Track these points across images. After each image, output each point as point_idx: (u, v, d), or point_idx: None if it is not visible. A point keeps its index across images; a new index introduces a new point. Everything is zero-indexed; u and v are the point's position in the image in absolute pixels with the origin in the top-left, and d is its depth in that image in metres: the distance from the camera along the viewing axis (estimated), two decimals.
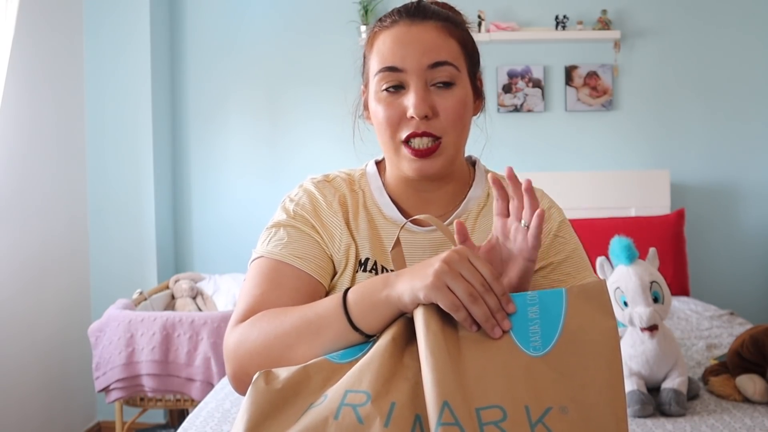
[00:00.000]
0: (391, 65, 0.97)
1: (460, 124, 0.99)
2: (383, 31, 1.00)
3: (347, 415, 0.70)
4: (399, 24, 0.98)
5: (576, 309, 0.76)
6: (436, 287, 0.75)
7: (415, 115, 0.95)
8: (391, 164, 1.05)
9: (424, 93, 0.96)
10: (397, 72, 0.96)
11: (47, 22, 2.85)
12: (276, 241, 1.00)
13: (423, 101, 0.95)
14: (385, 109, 0.98)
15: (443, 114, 0.96)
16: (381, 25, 1.01)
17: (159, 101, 3.20)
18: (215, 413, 1.74)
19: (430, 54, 0.96)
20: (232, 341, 0.90)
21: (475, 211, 1.06)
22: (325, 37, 3.30)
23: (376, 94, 0.99)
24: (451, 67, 0.97)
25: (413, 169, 0.98)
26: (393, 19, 0.99)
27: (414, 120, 0.96)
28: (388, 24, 1.00)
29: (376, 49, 1.00)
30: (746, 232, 3.34)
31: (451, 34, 0.99)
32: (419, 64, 0.96)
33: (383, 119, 0.98)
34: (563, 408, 0.70)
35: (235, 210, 3.37)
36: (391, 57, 0.97)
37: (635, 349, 1.72)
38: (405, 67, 0.96)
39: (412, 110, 0.95)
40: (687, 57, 3.31)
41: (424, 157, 0.97)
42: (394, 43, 0.97)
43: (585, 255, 1.08)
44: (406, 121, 0.97)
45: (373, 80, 0.99)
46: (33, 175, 2.75)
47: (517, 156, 3.32)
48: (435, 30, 0.97)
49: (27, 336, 2.68)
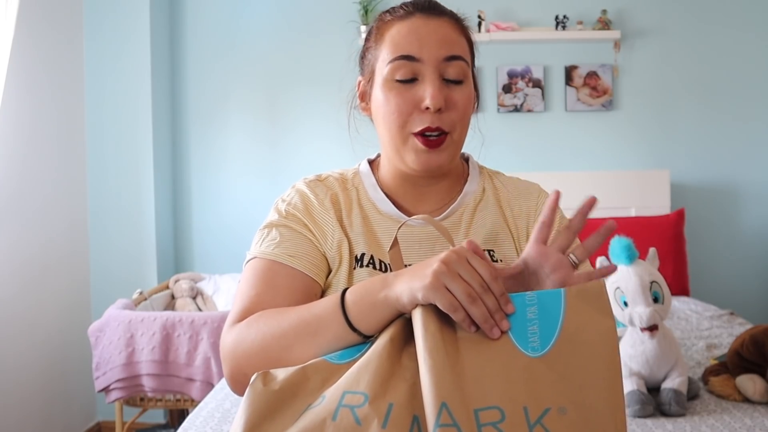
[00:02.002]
0: (407, 54, 0.96)
1: (465, 121, 1.00)
2: (397, 21, 1.00)
3: (345, 416, 0.70)
4: (415, 16, 0.99)
5: (575, 309, 0.75)
6: (434, 288, 0.75)
7: (432, 106, 0.95)
8: (390, 157, 1.04)
9: (441, 84, 0.96)
10: (413, 61, 0.96)
11: (47, 22, 2.85)
12: (269, 242, 1.00)
13: (440, 92, 0.95)
14: (396, 97, 0.97)
15: (454, 109, 0.97)
16: (393, 15, 1.01)
17: (159, 101, 3.20)
18: (215, 413, 1.74)
19: (446, 47, 0.97)
20: (229, 342, 0.90)
21: (471, 205, 1.06)
22: (325, 37, 3.30)
23: (386, 83, 0.98)
24: (463, 63, 0.98)
25: (420, 161, 0.98)
26: (407, 11, 1.00)
27: (428, 112, 0.96)
28: (402, 15, 1.00)
29: (388, 37, 0.99)
30: (746, 232, 3.34)
31: (462, 32, 1.01)
32: (436, 55, 0.96)
33: (394, 108, 0.97)
34: (562, 409, 0.70)
35: (235, 210, 3.37)
36: (407, 46, 0.97)
37: (635, 349, 1.72)
38: (422, 56, 0.96)
39: (429, 101, 0.95)
40: (687, 57, 3.31)
41: (433, 148, 0.97)
42: (411, 33, 0.97)
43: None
44: (418, 113, 0.97)
45: (384, 68, 0.98)
46: (33, 175, 2.76)
47: (517, 156, 3.32)
48: (450, 26, 0.99)
49: (27, 336, 2.68)
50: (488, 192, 1.09)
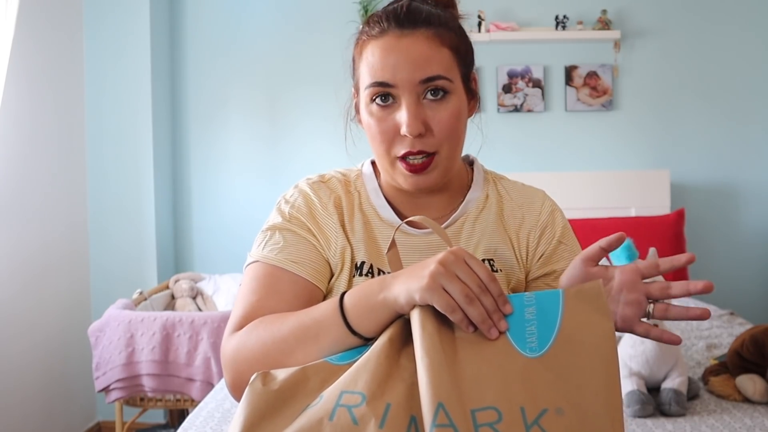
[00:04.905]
0: (381, 80, 0.93)
1: (454, 137, 0.96)
2: (371, 41, 0.95)
3: (342, 416, 0.70)
4: (388, 34, 0.93)
5: (573, 310, 0.75)
6: (431, 289, 0.74)
7: (408, 134, 0.92)
8: (386, 174, 1.02)
9: (417, 110, 0.92)
10: (388, 87, 0.93)
11: (47, 22, 2.85)
12: (272, 246, 0.98)
13: (416, 119, 0.91)
14: (377, 123, 0.95)
15: (437, 128, 0.93)
16: (369, 33, 0.96)
17: (159, 101, 3.20)
18: (215, 413, 1.74)
19: (421, 68, 0.91)
20: (230, 349, 0.89)
21: (473, 213, 1.04)
22: (325, 36, 3.30)
23: (367, 106, 0.96)
24: (443, 81, 0.93)
25: (409, 183, 0.96)
26: (381, 28, 0.94)
27: (407, 137, 0.93)
28: (376, 33, 0.95)
29: (365, 59, 0.96)
30: (746, 232, 3.34)
31: (443, 43, 0.94)
32: (411, 79, 0.92)
33: (376, 133, 0.95)
34: (559, 410, 0.70)
35: (234, 210, 3.37)
36: (381, 72, 0.92)
37: (635, 349, 1.72)
38: (396, 82, 0.92)
39: (404, 128, 0.92)
40: (687, 57, 3.31)
41: (419, 173, 0.95)
42: (384, 56, 0.93)
43: None
44: (399, 138, 0.94)
45: (364, 91, 0.96)
46: (33, 175, 2.76)
47: (517, 156, 3.32)
48: (426, 41, 0.93)
49: (27, 336, 2.68)
50: (491, 199, 1.06)
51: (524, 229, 1.04)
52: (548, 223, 1.04)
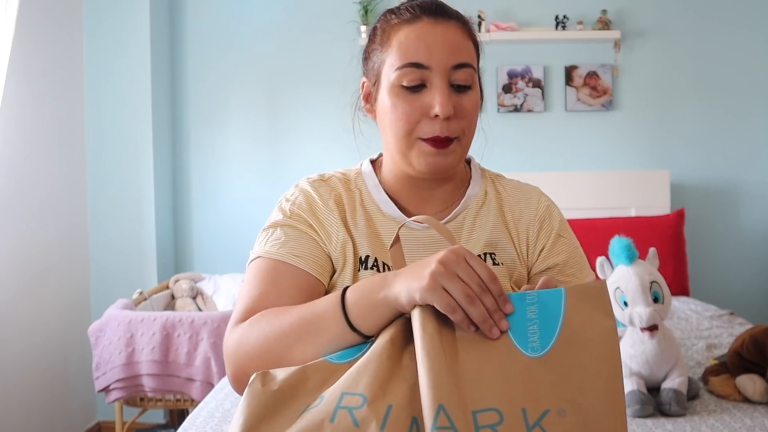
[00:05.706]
0: (416, 61, 0.95)
1: (473, 126, 1.00)
2: (404, 25, 0.98)
3: (343, 418, 0.69)
4: (422, 20, 0.97)
5: (575, 309, 0.75)
6: (431, 288, 0.74)
7: (441, 114, 0.94)
8: (395, 159, 1.03)
9: (450, 93, 0.96)
10: (422, 69, 0.95)
11: (47, 22, 2.85)
12: (273, 241, 1.00)
13: (449, 101, 0.95)
14: (404, 104, 0.96)
15: (462, 116, 0.97)
16: (400, 18, 0.99)
17: (159, 101, 3.20)
18: (215, 413, 1.74)
19: (455, 54, 0.96)
20: (232, 342, 0.90)
21: (474, 208, 1.06)
22: (325, 37, 3.29)
23: (393, 89, 0.97)
24: (471, 69, 0.97)
25: (426, 162, 0.98)
26: (414, 14, 0.98)
27: (437, 119, 0.95)
28: (409, 18, 0.98)
29: (396, 42, 0.98)
30: (746, 232, 3.34)
31: (469, 36, 1.00)
32: (445, 63, 0.95)
33: (401, 115, 0.97)
34: (561, 411, 0.69)
35: (235, 210, 3.37)
36: (416, 53, 0.95)
37: (635, 349, 1.72)
38: (431, 64, 0.95)
39: (438, 109, 0.94)
40: (687, 57, 3.31)
41: (441, 149, 0.97)
42: (419, 39, 0.96)
43: (583, 253, 1.07)
44: (427, 120, 0.96)
45: (392, 74, 0.97)
46: (33, 175, 2.75)
47: (517, 156, 3.32)
48: (458, 30, 0.98)
49: (27, 336, 2.68)
50: (490, 195, 1.08)
51: (523, 224, 1.05)
52: (545, 217, 1.06)
